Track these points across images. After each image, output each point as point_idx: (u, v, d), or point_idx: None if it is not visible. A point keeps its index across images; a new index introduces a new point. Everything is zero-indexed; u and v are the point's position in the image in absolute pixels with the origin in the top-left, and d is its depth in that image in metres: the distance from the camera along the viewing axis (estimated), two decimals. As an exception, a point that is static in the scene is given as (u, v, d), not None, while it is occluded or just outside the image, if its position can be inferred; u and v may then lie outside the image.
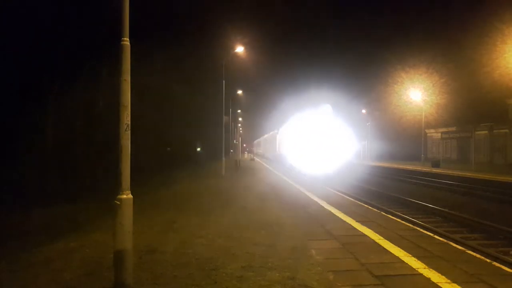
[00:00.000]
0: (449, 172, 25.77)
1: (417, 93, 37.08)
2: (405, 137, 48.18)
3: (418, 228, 6.97)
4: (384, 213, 9.02)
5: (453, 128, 42.42)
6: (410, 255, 5.22)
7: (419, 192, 17.35)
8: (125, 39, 4.30)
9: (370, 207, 10.27)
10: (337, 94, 27.42)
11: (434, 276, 4.39)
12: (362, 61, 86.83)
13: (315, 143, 20.25)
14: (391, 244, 5.81)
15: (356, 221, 7.64)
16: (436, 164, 32.19)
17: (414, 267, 4.72)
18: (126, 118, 4.22)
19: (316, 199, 11.25)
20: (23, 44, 14.93)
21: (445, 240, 6.06)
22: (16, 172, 14.19)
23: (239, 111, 59.57)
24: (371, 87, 51.45)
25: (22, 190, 13.21)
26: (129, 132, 4.24)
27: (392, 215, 9.51)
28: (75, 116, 17.36)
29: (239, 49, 23.45)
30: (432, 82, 38.70)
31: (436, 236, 6.34)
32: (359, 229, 6.92)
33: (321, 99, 22.49)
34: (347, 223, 7.55)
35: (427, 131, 43.43)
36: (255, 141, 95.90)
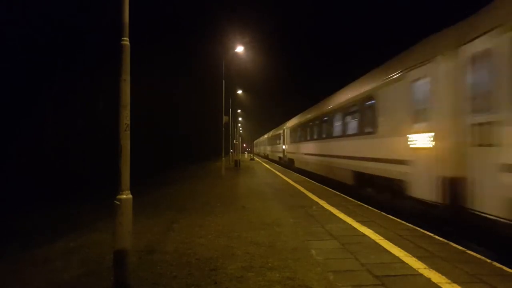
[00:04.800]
0: None
1: None
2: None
3: (418, 228, 6.95)
4: (384, 213, 8.99)
5: None
6: (410, 255, 5.22)
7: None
8: (124, 38, 4.29)
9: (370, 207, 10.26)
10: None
11: (434, 276, 4.39)
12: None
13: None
14: (391, 244, 5.81)
15: (356, 221, 7.64)
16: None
17: (414, 267, 4.71)
18: (126, 118, 4.22)
19: (316, 199, 11.24)
20: (22, 44, 14.94)
21: (445, 240, 6.05)
22: (15, 172, 14.19)
23: (239, 111, 59.52)
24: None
25: (21, 190, 13.21)
26: (128, 132, 4.23)
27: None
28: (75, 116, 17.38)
29: (239, 49, 23.35)
30: None
31: (436, 236, 6.33)
32: (360, 229, 6.92)
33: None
34: (347, 223, 7.54)
35: None
36: (255, 141, 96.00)
